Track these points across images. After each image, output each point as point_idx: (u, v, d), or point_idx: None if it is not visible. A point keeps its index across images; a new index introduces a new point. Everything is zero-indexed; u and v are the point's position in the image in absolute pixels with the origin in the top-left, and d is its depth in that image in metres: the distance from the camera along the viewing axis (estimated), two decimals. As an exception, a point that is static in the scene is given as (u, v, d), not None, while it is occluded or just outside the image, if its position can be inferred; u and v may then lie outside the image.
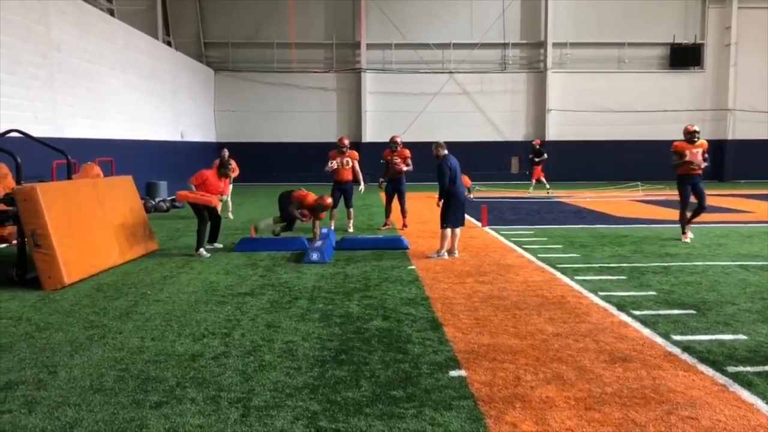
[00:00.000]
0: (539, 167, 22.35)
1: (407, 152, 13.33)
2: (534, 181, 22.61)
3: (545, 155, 22.51)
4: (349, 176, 12.89)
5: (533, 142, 23.59)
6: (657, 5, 29.48)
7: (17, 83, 13.05)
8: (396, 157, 13.18)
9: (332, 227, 12.58)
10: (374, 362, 5.14)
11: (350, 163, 12.93)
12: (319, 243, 10.28)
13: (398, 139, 13.45)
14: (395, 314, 6.64)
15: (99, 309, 6.94)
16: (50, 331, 6.10)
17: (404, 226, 13.19)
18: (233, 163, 14.68)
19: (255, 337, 5.83)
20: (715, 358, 5.19)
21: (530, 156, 23.03)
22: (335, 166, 12.82)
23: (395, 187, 13.28)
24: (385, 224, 13.42)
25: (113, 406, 4.29)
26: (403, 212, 13.31)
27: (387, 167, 13.38)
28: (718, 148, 29.72)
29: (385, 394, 4.49)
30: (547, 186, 22.72)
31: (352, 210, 13.27)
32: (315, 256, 9.59)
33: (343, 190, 12.88)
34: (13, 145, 9.64)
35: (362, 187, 13.21)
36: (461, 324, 6.24)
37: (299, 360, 5.21)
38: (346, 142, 13.17)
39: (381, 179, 13.79)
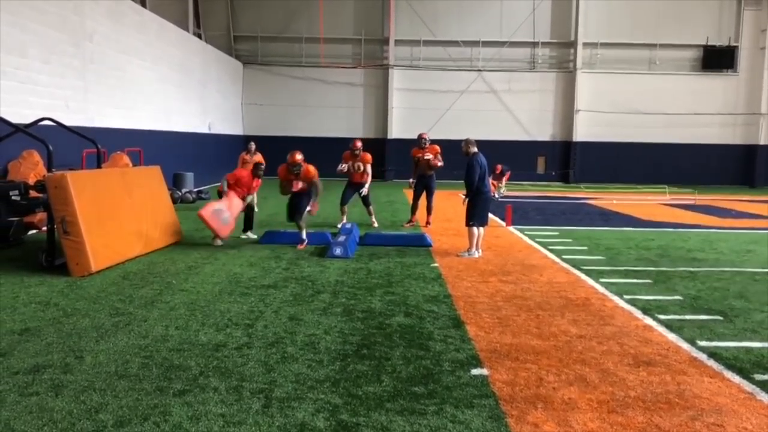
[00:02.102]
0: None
1: (437, 147, 13.18)
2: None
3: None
4: (362, 178, 12.84)
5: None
6: (690, 6, 29.00)
7: (51, 72, 13.25)
8: (427, 153, 13.06)
9: (344, 221, 12.57)
10: (396, 358, 5.14)
11: (362, 168, 12.82)
12: (342, 238, 10.32)
13: (426, 136, 13.33)
14: (417, 311, 6.64)
15: (125, 297, 7.04)
16: (77, 316, 6.20)
17: (427, 223, 13.15)
18: (259, 156, 14.83)
19: (277, 329, 5.86)
20: (742, 365, 5.10)
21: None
22: (345, 170, 12.81)
23: (425, 184, 13.18)
24: (410, 221, 13.38)
25: (137, 392, 4.35)
26: (429, 209, 13.24)
27: (416, 165, 13.26)
28: (749, 153, 29.22)
29: (406, 389, 4.49)
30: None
31: (371, 207, 13.25)
32: (338, 251, 9.62)
33: (356, 190, 12.87)
34: (45, 133, 9.80)
35: (365, 190, 12.91)
36: (484, 323, 6.22)
37: (321, 353, 5.23)
38: (359, 144, 12.98)
39: (411, 180, 13.51)
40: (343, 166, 12.87)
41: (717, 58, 29.23)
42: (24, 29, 12.28)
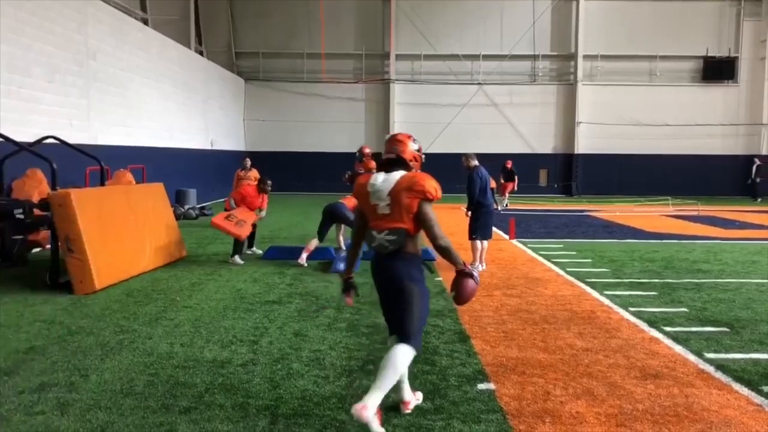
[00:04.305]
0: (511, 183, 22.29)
1: (373, 164, 13.09)
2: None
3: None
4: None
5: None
6: (690, 18, 29.12)
7: (55, 91, 13.32)
8: (361, 168, 12.94)
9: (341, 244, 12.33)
10: (402, 373, 5.12)
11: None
12: (345, 253, 10.30)
13: (366, 150, 13.11)
14: (423, 325, 6.61)
15: (129, 314, 7.03)
16: (82, 334, 6.19)
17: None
18: (254, 172, 14.89)
19: (282, 345, 5.85)
20: (750, 377, 5.07)
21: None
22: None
23: None
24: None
25: (143, 411, 4.33)
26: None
27: (353, 176, 13.00)
28: (751, 164, 29.18)
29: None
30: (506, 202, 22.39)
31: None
32: (342, 266, 9.61)
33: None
34: (49, 152, 9.84)
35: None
36: (489, 337, 6.20)
37: (327, 369, 5.21)
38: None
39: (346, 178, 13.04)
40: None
41: (717, 69, 29.31)
42: (28, 48, 12.37)
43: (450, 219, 16.83)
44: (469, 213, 9.99)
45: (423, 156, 4.47)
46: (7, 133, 10.41)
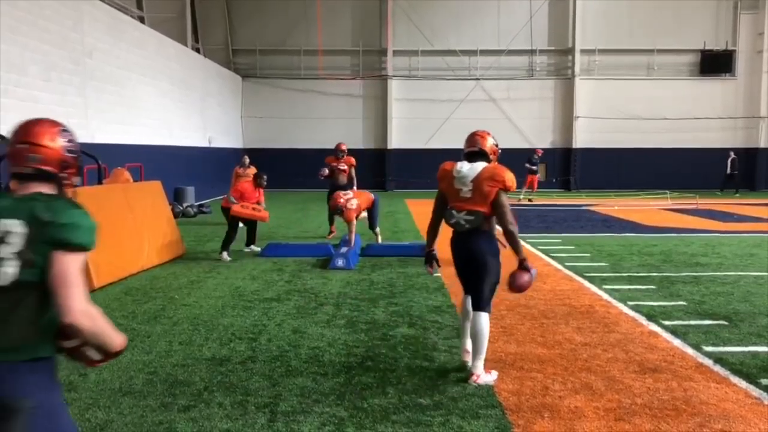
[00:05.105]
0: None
1: (353, 160, 13.21)
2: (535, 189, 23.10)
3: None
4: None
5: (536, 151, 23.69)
6: (687, 11, 29.07)
7: (52, 89, 13.29)
8: (342, 164, 12.99)
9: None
10: (400, 369, 5.13)
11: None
12: (344, 249, 10.30)
13: (344, 147, 13.24)
14: (421, 321, 6.62)
15: (128, 312, 7.03)
16: (81, 333, 6.18)
17: (330, 233, 13.07)
18: (253, 169, 14.92)
19: (281, 343, 5.85)
20: (749, 370, 5.08)
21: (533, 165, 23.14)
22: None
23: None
24: (330, 232, 13.19)
25: (142, 409, 4.33)
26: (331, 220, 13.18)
27: (332, 173, 13.16)
28: (749, 157, 29.20)
29: (411, 401, 4.47)
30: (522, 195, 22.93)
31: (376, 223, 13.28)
32: (340, 263, 9.61)
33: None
34: (46, 150, 9.79)
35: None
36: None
37: (325, 366, 5.21)
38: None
39: (321, 175, 13.43)
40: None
41: (715, 63, 29.27)
42: (24, 47, 12.33)
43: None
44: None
45: (499, 149, 5.17)
46: (3, 133, 10.38)
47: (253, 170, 14.84)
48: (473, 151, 4.98)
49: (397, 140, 29.36)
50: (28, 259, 2.17)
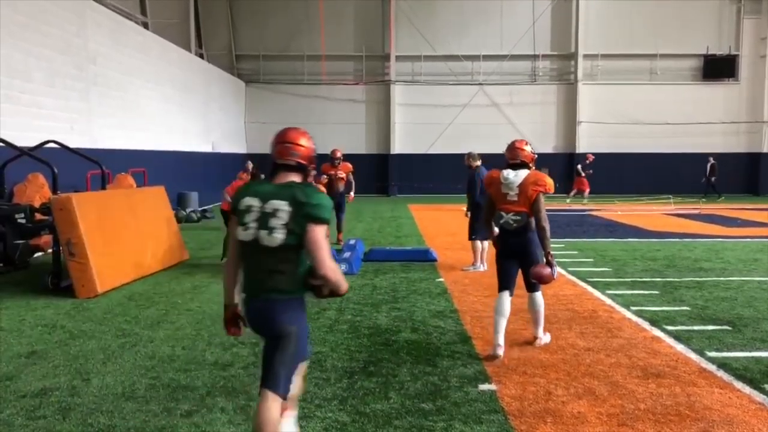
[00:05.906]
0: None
1: (350, 165, 13.03)
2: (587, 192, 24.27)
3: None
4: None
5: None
6: (690, 16, 29.06)
7: (55, 95, 13.34)
8: (340, 171, 12.83)
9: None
10: (403, 374, 5.12)
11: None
12: (347, 254, 10.31)
13: (339, 153, 12.96)
14: (424, 326, 6.62)
15: (131, 317, 7.03)
16: (83, 338, 6.20)
17: (339, 241, 12.74)
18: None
19: (284, 348, 5.84)
20: (753, 375, 5.07)
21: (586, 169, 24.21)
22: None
23: (337, 202, 12.61)
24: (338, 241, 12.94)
25: (145, 414, 4.34)
26: (339, 228, 13.03)
27: (330, 181, 12.82)
28: (752, 162, 29.14)
29: (414, 406, 4.47)
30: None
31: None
32: (343, 267, 9.60)
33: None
34: (50, 156, 9.85)
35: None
36: (491, 337, 6.18)
37: (328, 371, 5.21)
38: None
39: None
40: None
41: (718, 67, 29.24)
42: (28, 53, 12.39)
43: (450, 220, 16.83)
44: (469, 213, 10.01)
45: (536, 155, 5.92)
46: (8, 138, 10.42)
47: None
48: (515, 162, 5.73)
49: (400, 145, 29.38)
50: (291, 228, 3.08)
